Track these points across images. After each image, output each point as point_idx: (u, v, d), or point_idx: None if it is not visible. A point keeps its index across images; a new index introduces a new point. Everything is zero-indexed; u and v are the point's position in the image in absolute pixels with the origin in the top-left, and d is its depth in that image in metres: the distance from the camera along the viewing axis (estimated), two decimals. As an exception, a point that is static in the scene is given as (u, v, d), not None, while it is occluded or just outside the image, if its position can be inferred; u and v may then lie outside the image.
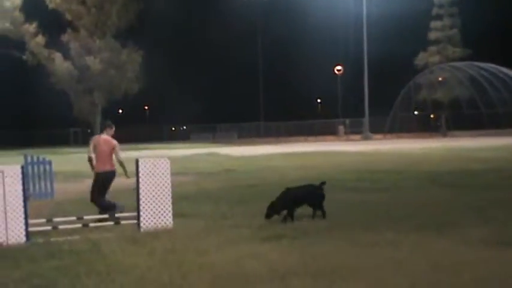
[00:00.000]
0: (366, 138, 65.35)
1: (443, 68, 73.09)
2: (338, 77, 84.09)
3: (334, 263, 7.33)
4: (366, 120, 68.57)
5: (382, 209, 11.61)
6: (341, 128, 74.45)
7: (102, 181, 11.41)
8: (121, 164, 11.39)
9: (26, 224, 9.50)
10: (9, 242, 9.28)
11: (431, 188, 15.14)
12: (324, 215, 10.65)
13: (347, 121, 75.44)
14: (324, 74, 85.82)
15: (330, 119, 78.54)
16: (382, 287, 6.40)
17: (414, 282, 6.51)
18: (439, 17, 74.85)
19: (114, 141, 11.50)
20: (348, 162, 25.94)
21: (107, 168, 11.40)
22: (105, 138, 11.55)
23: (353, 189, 15.31)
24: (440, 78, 74.10)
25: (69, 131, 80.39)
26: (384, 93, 71.46)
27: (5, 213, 9.35)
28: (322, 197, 10.82)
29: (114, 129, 11.83)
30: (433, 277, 6.69)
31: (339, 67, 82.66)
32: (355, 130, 71.56)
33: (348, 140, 65.52)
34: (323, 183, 10.96)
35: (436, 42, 74.63)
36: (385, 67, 74.05)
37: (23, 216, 9.46)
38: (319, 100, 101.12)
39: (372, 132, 67.84)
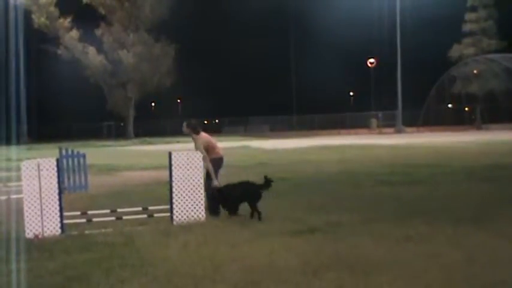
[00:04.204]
0: (399, 131, 64.84)
1: (478, 60, 72.09)
2: (371, 70, 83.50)
3: (369, 257, 7.28)
4: (399, 113, 67.96)
5: (417, 203, 11.52)
6: (374, 121, 73.97)
7: None
8: None
9: (61, 217, 9.60)
10: (45, 234, 9.40)
11: (467, 182, 14.91)
12: (259, 216, 10.24)
13: (380, 114, 74.87)
14: (356, 66, 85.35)
15: (363, 112, 78.04)
16: (417, 280, 6.32)
17: (449, 276, 6.43)
18: (473, 9, 73.69)
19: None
20: (381, 156, 25.78)
21: None
22: None
23: (387, 182, 15.19)
24: (475, 71, 73.11)
25: (102, 124, 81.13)
26: (417, 86, 70.76)
27: (41, 206, 9.47)
28: (259, 197, 10.47)
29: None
30: (468, 271, 6.60)
31: (371, 60, 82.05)
32: (387, 123, 70.96)
33: (380, 133, 65.05)
34: (269, 181, 10.58)
35: (471, 34, 73.53)
36: (418, 60, 73.28)
37: (58, 208, 9.57)
38: (351, 93, 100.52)
39: (405, 126, 67.26)
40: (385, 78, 76.06)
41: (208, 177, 10.88)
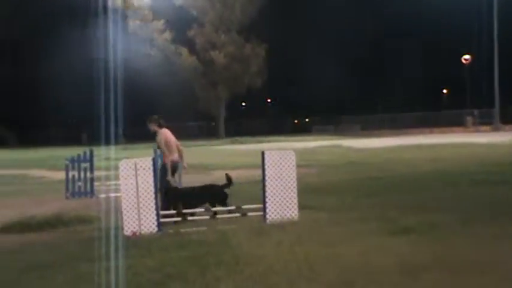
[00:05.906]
0: (496, 129, 62.62)
1: None
2: (466, 66, 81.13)
3: (468, 258, 7.06)
4: (497, 110, 65.68)
5: (516, 203, 11.09)
6: (469, 118, 71.65)
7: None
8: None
9: (158, 215, 9.84)
10: (142, 232, 9.65)
11: None
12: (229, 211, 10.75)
13: (475, 112, 72.52)
14: (450, 63, 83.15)
15: (457, 109, 75.85)
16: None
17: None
18: None
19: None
20: (477, 154, 25.00)
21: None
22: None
23: (483, 181, 14.66)
24: None
25: (194, 124, 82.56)
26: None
27: (138, 204, 9.72)
28: (225, 196, 11.00)
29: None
30: None
31: (466, 56, 79.68)
32: (484, 121, 68.54)
33: (476, 131, 63.02)
34: (229, 179, 11.06)
35: None
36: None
37: (154, 207, 9.81)
38: (445, 91, 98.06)
39: (503, 123, 64.94)
40: (481, 74, 73.73)
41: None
